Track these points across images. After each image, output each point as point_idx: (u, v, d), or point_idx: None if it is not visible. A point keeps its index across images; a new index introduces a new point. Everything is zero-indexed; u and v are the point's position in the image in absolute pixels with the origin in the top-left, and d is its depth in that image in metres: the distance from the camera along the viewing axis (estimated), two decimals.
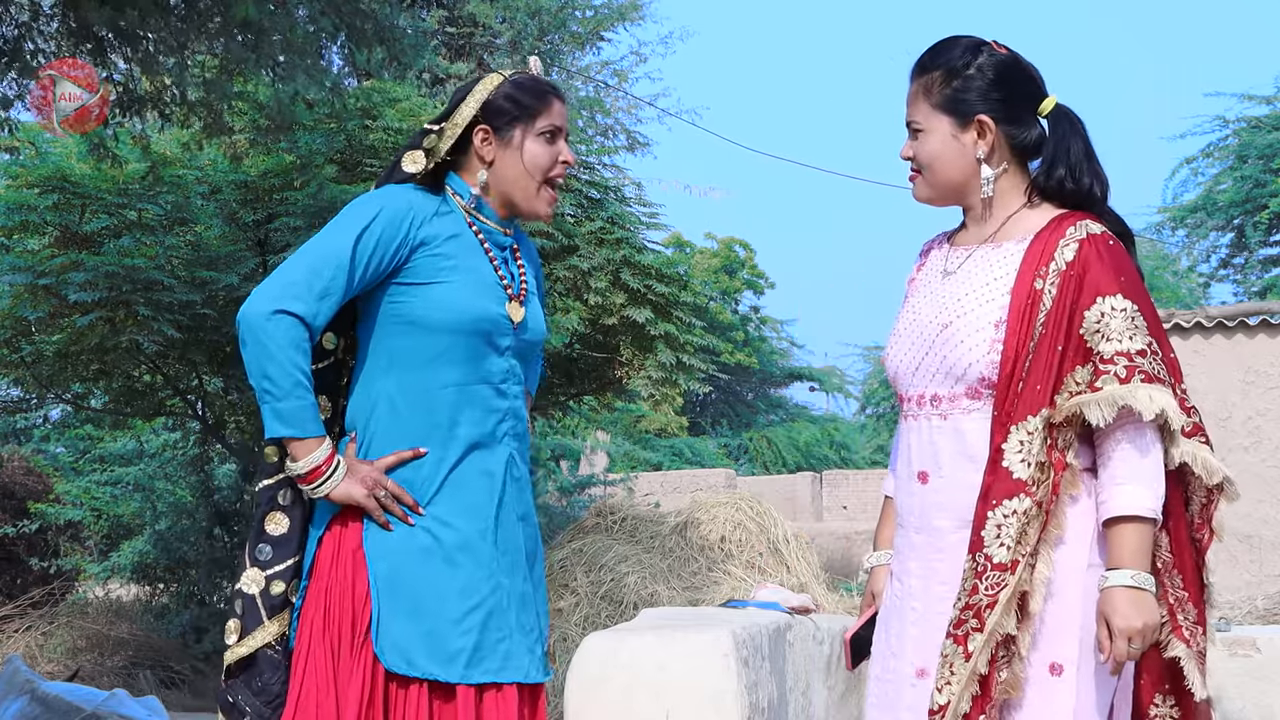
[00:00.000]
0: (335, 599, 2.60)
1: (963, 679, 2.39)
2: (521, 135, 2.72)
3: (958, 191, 2.59)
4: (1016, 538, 2.40)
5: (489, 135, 2.71)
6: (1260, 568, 9.50)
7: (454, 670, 2.56)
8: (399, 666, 2.55)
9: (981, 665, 2.38)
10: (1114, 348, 2.40)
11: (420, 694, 2.56)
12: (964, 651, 2.40)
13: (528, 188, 2.73)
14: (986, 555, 2.41)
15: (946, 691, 2.41)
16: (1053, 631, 2.43)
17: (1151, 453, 2.41)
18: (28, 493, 11.21)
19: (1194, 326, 9.73)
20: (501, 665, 2.60)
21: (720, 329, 31.46)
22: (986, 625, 2.39)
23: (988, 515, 2.42)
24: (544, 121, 2.73)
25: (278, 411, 2.54)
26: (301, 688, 2.59)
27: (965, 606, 2.42)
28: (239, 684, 2.65)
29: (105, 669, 8.81)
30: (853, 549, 16.87)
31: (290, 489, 2.67)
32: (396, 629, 2.56)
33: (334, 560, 2.61)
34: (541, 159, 2.73)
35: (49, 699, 4.20)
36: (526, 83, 2.75)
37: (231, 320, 7.92)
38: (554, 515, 12.42)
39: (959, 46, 2.57)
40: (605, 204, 9.08)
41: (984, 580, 2.41)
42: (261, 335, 2.54)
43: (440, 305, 2.62)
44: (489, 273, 2.70)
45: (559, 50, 17.79)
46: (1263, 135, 20.65)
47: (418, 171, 2.72)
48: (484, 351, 2.66)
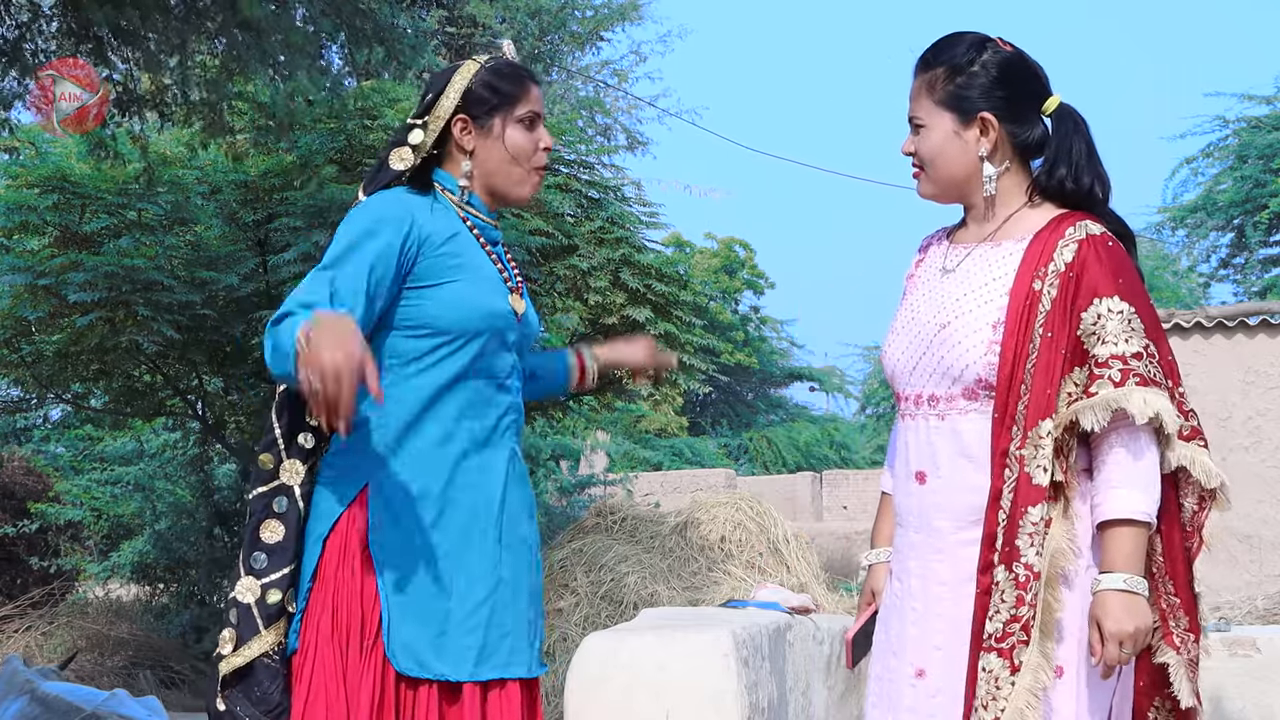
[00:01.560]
0: (343, 601, 2.57)
1: (1021, 694, 2.34)
2: (502, 124, 2.70)
3: (960, 189, 2.58)
4: (1044, 545, 2.38)
5: (468, 125, 2.70)
6: (1260, 568, 9.49)
7: (463, 669, 2.55)
8: (411, 669, 2.54)
9: (1046, 681, 2.36)
10: (1109, 350, 2.39)
11: (430, 695, 2.55)
12: (1010, 664, 2.36)
13: (511, 174, 2.72)
14: (1026, 564, 2.38)
15: (993, 708, 2.36)
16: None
17: (1146, 456, 2.40)
18: (28, 493, 11.21)
19: (1194, 326, 9.73)
20: (507, 660, 2.60)
21: (720, 329, 31.48)
22: (1033, 641, 2.36)
23: (1019, 524, 2.39)
24: (523, 108, 2.71)
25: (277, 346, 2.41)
26: (310, 691, 2.56)
27: (1011, 619, 2.38)
28: (236, 694, 2.61)
29: (105, 669, 8.81)
30: (853, 549, 16.86)
31: (285, 496, 2.63)
32: (407, 631, 2.54)
33: (340, 562, 2.59)
34: (524, 146, 2.71)
35: (49, 699, 4.20)
36: (504, 69, 2.73)
37: (231, 320, 7.98)
38: (554, 515, 12.42)
39: (963, 43, 2.55)
40: (605, 204, 9.08)
41: (1029, 591, 2.37)
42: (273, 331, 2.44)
43: (452, 305, 2.61)
44: (490, 267, 2.69)
45: (559, 50, 17.79)
46: (1263, 135, 20.65)
47: (406, 169, 2.69)
48: (494, 348, 2.65)
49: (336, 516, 2.61)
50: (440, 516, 2.59)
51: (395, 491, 2.59)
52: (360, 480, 2.61)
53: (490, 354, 2.64)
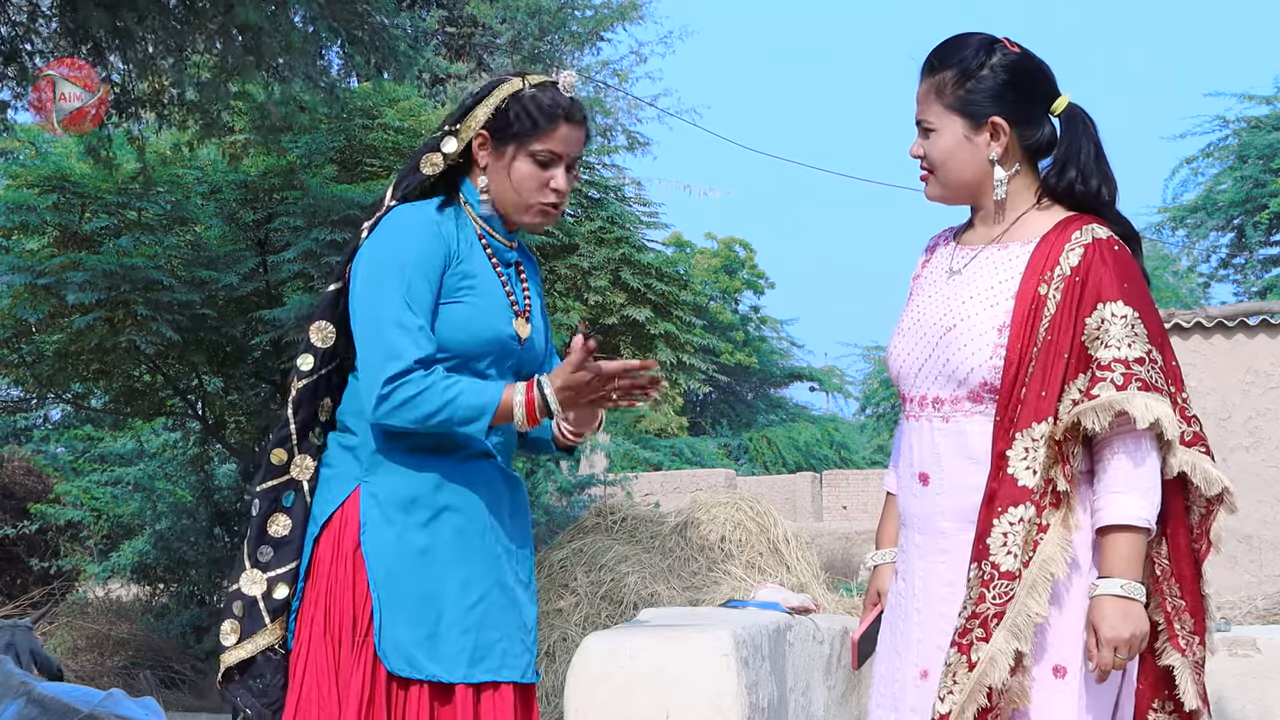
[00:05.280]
0: (335, 599, 2.59)
1: (966, 689, 2.37)
2: (514, 152, 2.65)
3: (970, 192, 2.56)
4: (1022, 545, 2.38)
5: (486, 142, 2.67)
6: (1260, 568, 9.49)
7: (456, 670, 2.56)
8: (402, 669, 2.55)
9: (996, 679, 2.35)
10: (1112, 354, 2.39)
11: (421, 695, 2.56)
12: (968, 661, 2.38)
13: (513, 205, 2.68)
14: (994, 564, 2.39)
15: (949, 700, 2.39)
16: (1057, 635, 2.42)
17: (1147, 462, 2.40)
18: (28, 493, 11.22)
19: (1194, 326, 9.73)
20: (500, 664, 2.60)
21: (720, 329, 31.48)
22: (994, 638, 2.37)
23: (993, 522, 2.40)
24: (541, 144, 2.64)
25: (465, 420, 2.53)
26: (302, 688, 2.59)
27: (972, 615, 2.40)
28: (237, 686, 2.64)
29: (105, 669, 8.81)
30: (853, 549, 16.83)
31: (294, 491, 2.66)
32: (398, 631, 2.55)
33: (333, 560, 2.60)
34: (527, 182, 2.65)
35: (45, 700, 4.18)
36: (544, 100, 2.66)
37: (231, 320, 7.98)
38: (554, 515, 12.40)
39: (971, 45, 2.53)
40: (605, 203, 9.09)
41: (991, 589, 2.39)
42: (408, 416, 2.53)
43: (456, 326, 2.61)
44: (498, 290, 2.68)
45: (559, 50, 17.79)
46: (1263, 135, 20.68)
47: (433, 174, 2.68)
48: (485, 369, 2.65)
49: (329, 515, 2.63)
50: (433, 519, 2.60)
51: (387, 493, 2.60)
52: (353, 481, 2.62)
53: (480, 375, 2.64)
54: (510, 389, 2.55)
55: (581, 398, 2.57)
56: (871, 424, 37.40)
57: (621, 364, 2.57)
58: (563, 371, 2.55)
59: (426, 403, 2.51)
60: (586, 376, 2.55)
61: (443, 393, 2.52)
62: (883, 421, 35.32)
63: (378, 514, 2.59)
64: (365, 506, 2.60)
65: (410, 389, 2.51)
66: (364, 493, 2.60)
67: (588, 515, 8.16)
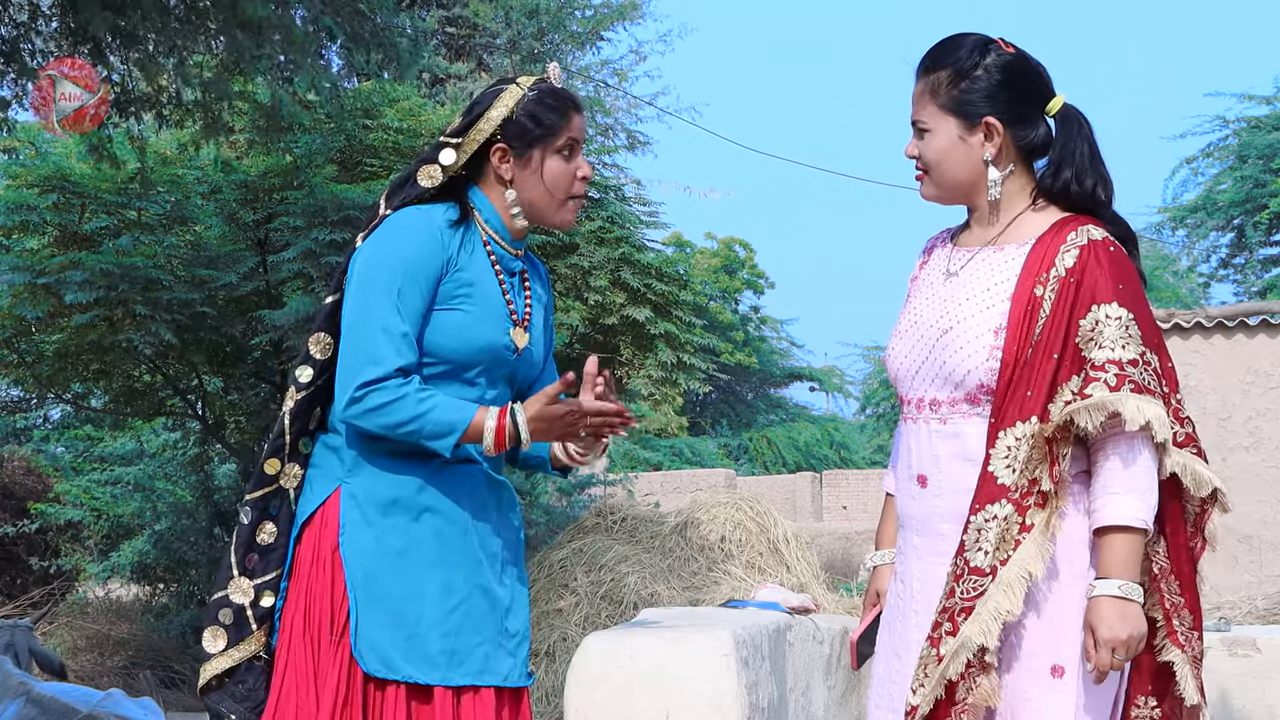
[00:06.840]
0: (315, 599, 2.60)
1: (933, 681, 2.39)
2: (541, 156, 2.67)
3: (965, 192, 2.57)
4: (996, 543, 2.39)
5: (507, 154, 2.66)
6: (1260, 568, 9.49)
7: (434, 673, 2.56)
8: (378, 670, 2.55)
9: (953, 672, 2.38)
10: (1105, 355, 2.39)
11: (398, 695, 2.56)
12: (937, 655, 2.40)
13: (549, 205, 2.70)
14: (966, 560, 2.41)
15: (920, 694, 2.42)
16: (1054, 634, 2.43)
17: (1143, 463, 2.41)
18: (28, 493, 11.22)
19: (1194, 326, 9.73)
20: (481, 668, 2.59)
21: (720, 329, 31.48)
22: (960, 632, 2.38)
23: (970, 519, 2.42)
24: (563, 138, 2.67)
25: (433, 435, 2.53)
26: (282, 688, 2.60)
27: (942, 610, 2.42)
28: (221, 693, 2.66)
29: (105, 669, 8.81)
30: (853, 549, 16.84)
31: (280, 499, 2.67)
32: (375, 632, 2.55)
33: (313, 561, 2.61)
34: (562, 179, 2.68)
35: (44, 700, 4.18)
36: (549, 98, 2.67)
37: (231, 320, 7.99)
38: (554, 515, 12.41)
39: (965, 45, 2.54)
40: (605, 203, 9.09)
41: (961, 585, 2.41)
42: (377, 421, 2.53)
43: (450, 334, 2.60)
44: (498, 298, 2.67)
45: (558, 50, 17.79)
46: (1263, 135, 20.68)
47: (431, 187, 2.67)
48: (475, 378, 2.64)
49: (309, 514, 2.63)
50: (414, 522, 2.60)
51: (366, 494, 2.60)
52: (335, 481, 2.63)
53: (470, 383, 2.64)
54: (484, 412, 2.55)
55: (554, 430, 2.58)
56: (871, 424, 37.40)
57: (598, 405, 2.57)
58: (538, 401, 2.56)
59: (398, 411, 2.52)
60: (561, 410, 2.55)
61: (416, 405, 2.52)
62: (883, 421, 35.32)
63: (357, 515, 2.59)
64: (345, 507, 2.60)
65: (384, 395, 2.52)
66: (344, 494, 2.61)
67: (588, 515, 8.16)
